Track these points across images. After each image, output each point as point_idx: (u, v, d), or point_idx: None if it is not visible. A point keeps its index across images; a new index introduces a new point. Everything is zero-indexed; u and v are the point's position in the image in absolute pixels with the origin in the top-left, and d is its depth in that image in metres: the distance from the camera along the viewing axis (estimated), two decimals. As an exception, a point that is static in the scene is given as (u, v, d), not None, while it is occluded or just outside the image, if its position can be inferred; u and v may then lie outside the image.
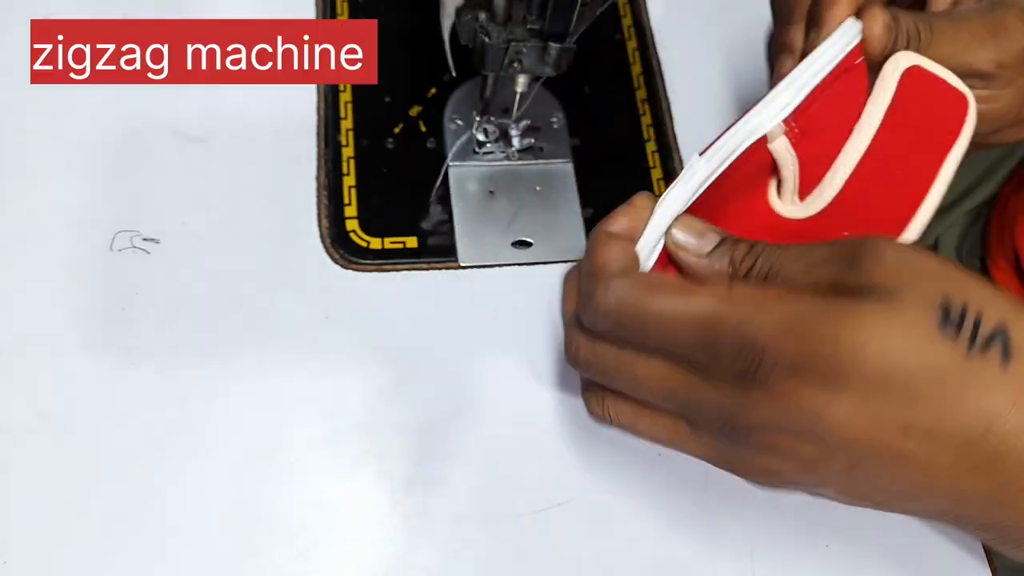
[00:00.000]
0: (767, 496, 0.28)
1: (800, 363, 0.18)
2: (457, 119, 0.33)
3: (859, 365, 0.17)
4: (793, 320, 0.18)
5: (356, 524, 0.26)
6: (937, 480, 0.18)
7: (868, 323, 0.17)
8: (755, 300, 0.19)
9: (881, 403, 0.17)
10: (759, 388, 0.18)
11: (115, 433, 0.26)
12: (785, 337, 0.18)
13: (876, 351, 0.17)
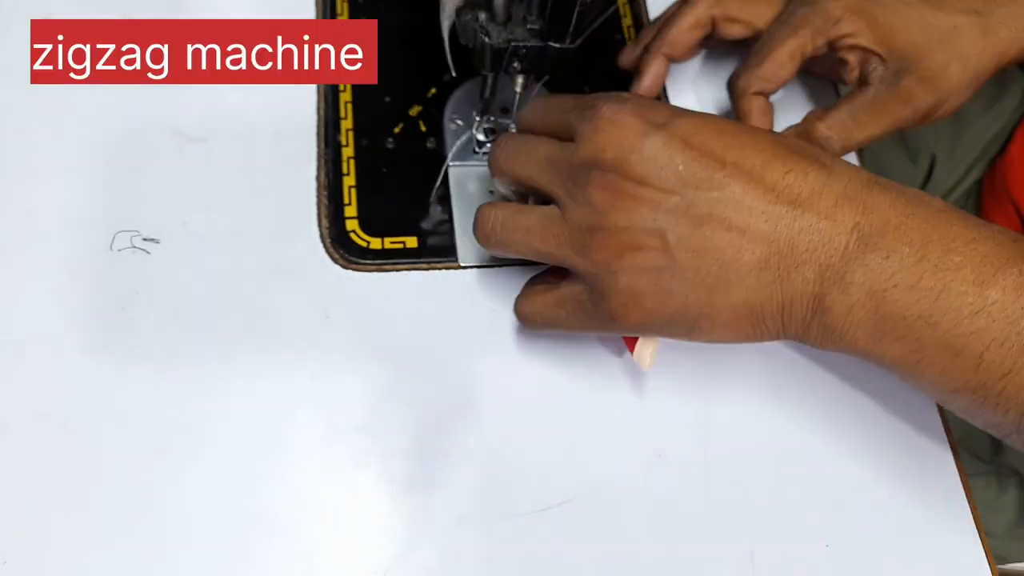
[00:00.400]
0: (767, 496, 0.28)
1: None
2: (457, 119, 0.33)
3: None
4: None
5: (356, 524, 0.26)
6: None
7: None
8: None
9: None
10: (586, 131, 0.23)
11: (115, 433, 0.26)
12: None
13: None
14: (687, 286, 0.23)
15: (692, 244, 0.22)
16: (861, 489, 0.28)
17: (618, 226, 0.22)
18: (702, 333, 0.24)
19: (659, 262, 0.22)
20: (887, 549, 0.27)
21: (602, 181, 0.23)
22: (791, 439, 0.29)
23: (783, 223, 0.22)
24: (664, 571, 0.26)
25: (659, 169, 0.22)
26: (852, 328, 0.22)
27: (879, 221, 0.22)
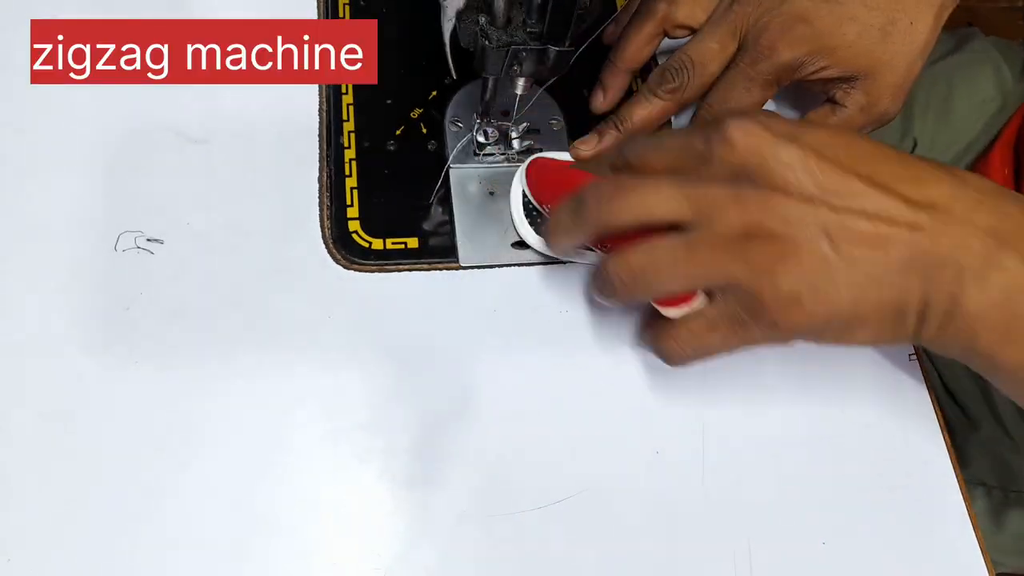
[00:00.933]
0: (765, 494, 0.28)
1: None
2: (457, 121, 0.33)
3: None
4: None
5: (357, 523, 0.27)
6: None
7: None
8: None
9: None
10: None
11: (117, 432, 0.26)
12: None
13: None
14: (841, 287, 0.23)
15: (844, 246, 0.23)
16: (858, 488, 0.28)
17: (774, 231, 0.23)
18: (853, 334, 0.24)
19: (815, 264, 0.23)
20: (884, 547, 0.28)
21: (750, 189, 0.23)
22: (789, 438, 0.29)
23: (923, 227, 0.23)
24: (663, 569, 0.27)
25: (798, 177, 0.23)
26: (985, 329, 0.23)
27: (1013, 225, 0.23)
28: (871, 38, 0.29)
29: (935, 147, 0.45)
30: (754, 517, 0.28)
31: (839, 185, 0.23)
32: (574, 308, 0.31)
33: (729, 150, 0.24)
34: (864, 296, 0.23)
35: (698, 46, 0.31)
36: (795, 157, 0.23)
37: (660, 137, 0.27)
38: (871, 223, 0.23)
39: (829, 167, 0.23)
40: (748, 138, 0.24)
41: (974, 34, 0.48)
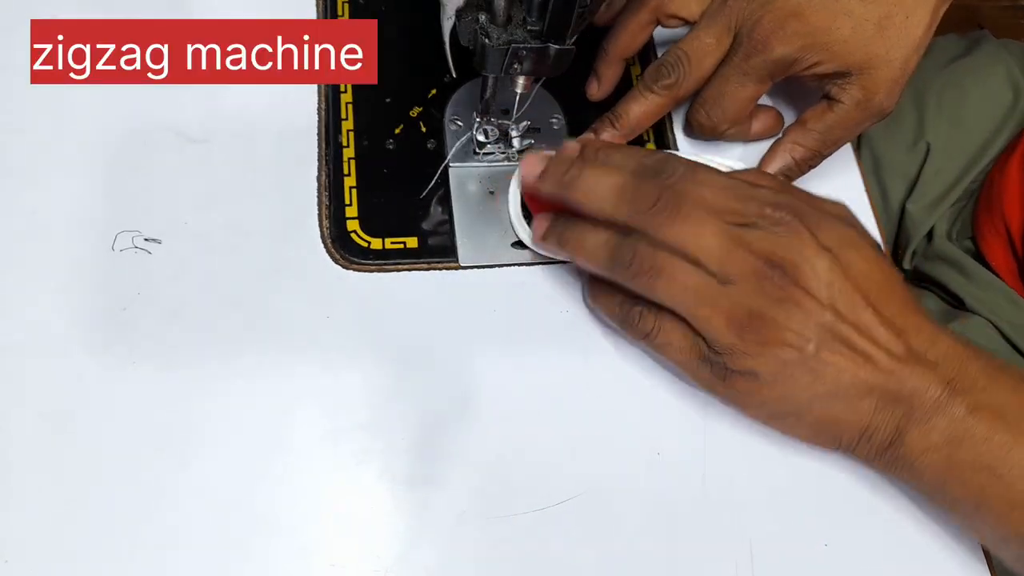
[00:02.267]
0: (766, 495, 0.28)
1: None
2: (457, 120, 0.33)
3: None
4: None
5: (357, 522, 0.26)
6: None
7: None
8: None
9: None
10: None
11: (116, 432, 0.26)
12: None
13: None
14: (798, 387, 0.25)
15: (822, 357, 0.25)
16: (860, 489, 0.28)
17: (776, 320, 0.25)
18: (785, 426, 0.27)
19: (791, 359, 0.25)
20: (886, 549, 0.28)
21: (778, 280, 0.25)
22: (790, 439, 0.29)
23: (902, 370, 0.25)
24: (663, 570, 0.27)
25: (821, 286, 0.25)
26: (923, 466, 0.25)
27: (970, 379, 0.25)
28: (866, 33, 0.29)
29: (949, 150, 0.45)
30: (755, 519, 0.27)
31: (848, 306, 0.25)
32: (574, 308, 0.30)
33: (776, 239, 0.25)
34: (812, 404, 0.26)
35: (693, 41, 0.31)
36: (826, 269, 0.25)
37: (707, 184, 0.26)
38: (854, 349, 0.25)
39: (848, 288, 0.25)
40: (795, 239, 0.25)
41: (984, 36, 0.48)
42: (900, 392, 0.25)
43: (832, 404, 0.25)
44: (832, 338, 0.25)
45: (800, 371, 0.25)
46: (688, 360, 0.27)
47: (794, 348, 0.25)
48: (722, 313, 0.25)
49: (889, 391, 0.25)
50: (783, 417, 0.27)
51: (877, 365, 0.25)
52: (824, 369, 0.25)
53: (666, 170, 0.27)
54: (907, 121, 0.46)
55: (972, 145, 0.45)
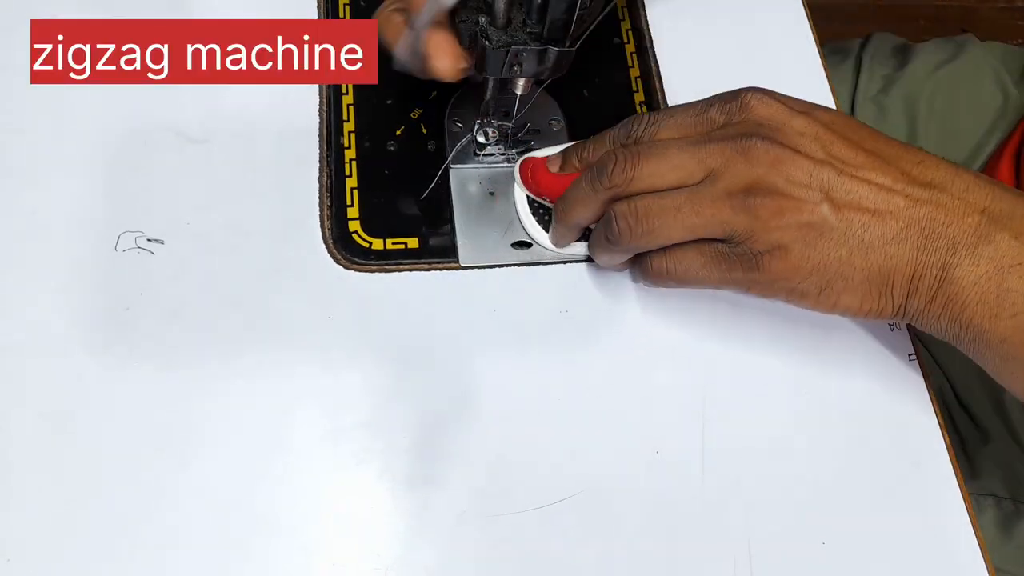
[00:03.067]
0: (764, 494, 0.28)
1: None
2: (458, 122, 0.33)
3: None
4: None
5: (358, 522, 0.27)
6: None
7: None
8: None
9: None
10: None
11: (117, 432, 0.26)
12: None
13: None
14: (831, 245, 0.24)
15: (842, 210, 0.24)
16: (858, 488, 0.29)
17: (776, 185, 0.24)
18: (832, 294, 0.25)
19: (811, 219, 0.24)
20: (884, 548, 0.28)
21: (761, 146, 0.24)
22: (789, 439, 0.29)
23: (921, 200, 0.24)
24: (662, 569, 0.27)
25: (809, 143, 0.24)
26: (974, 301, 0.24)
27: (1007, 207, 0.24)
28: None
29: (941, 154, 0.45)
30: (754, 518, 0.28)
31: (846, 155, 0.24)
32: (574, 308, 0.31)
33: (744, 111, 0.25)
34: (852, 258, 0.24)
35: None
36: (807, 126, 0.25)
37: (672, 114, 0.27)
38: (872, 190, 0.24)
39: (838, 139, 0.25)
40: (764, 105, 0.25)
41: (969, 40, 0.49)
42: (933, 227, 0.24)
43: (870, 256, 0.24)
44: (843, 189, 0.24)
45: (824, 229, 0.24)
46: (715, 271, 0.26)
47: (808, 206, 0.24)
48: (724, 204, 0.24)
49: (921, 227, 0.24)
50: (831, 285, 0.25)
51: (899, 205, 0.24)
52: (849, 221, 0.24)
53: (632, 132, 0.27)
54: (899, 129, 0.46)
55: (965, 148, 0.45)
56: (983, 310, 0.24)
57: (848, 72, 0.49)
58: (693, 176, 0.25)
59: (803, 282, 0.25)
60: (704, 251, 0.26)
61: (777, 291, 0.26)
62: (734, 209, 0.24)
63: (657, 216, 0.25)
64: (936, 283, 0.24)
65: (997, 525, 0.43)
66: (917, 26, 1.03)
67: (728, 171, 0.25)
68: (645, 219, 0.25)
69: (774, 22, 0.38)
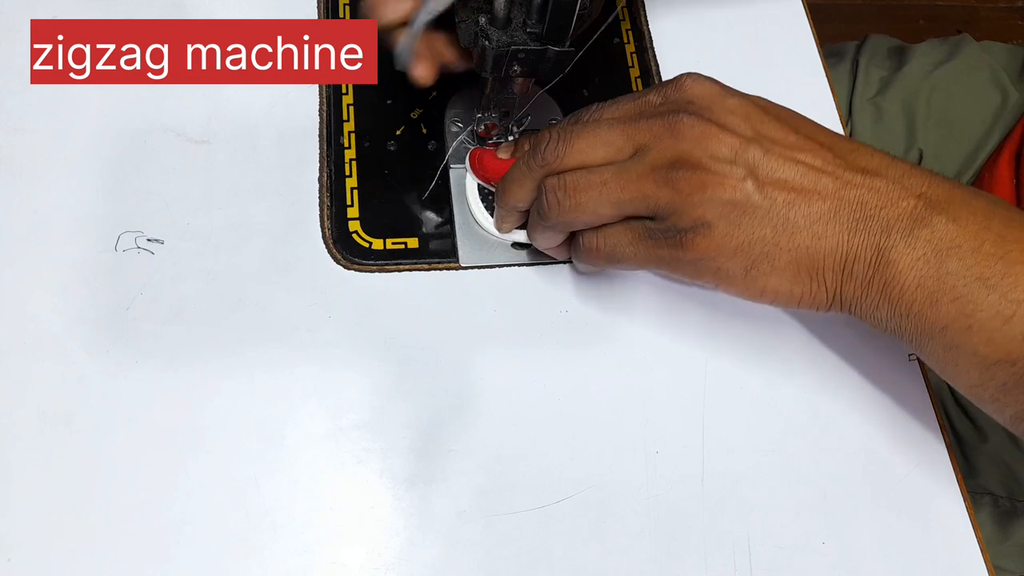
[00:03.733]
0: (764, 494, 0.28)
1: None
2: (458, 122, 0.33)
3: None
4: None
5: (358, 520, 0.27)
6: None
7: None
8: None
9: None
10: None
11: (118, 431, 0.27)
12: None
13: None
14: (756, 222, 0.24)
15: (767, 186, 0.24)
16: (858, 488, 0.29)
17: (701, 161, 0.24)
18: (759, 276, 0.25)
19: (735, 196, 0.24)
20: (884, 547, 0.28)
21: (688, 121, 0.24)
22: (789, 438, 0.29)
23: (853, 183, 0.23)
24: (662, 568, 0.27)
25: (739, 122, 0.24)
26: (913, 286, 0.23)
27: (945, 192, 0.23)
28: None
29: (941, 155, 0.45)
30: (754, 518, 0.28)
31: (777, 135, 0.24)
32: (574, 308, 0.31)
33: (679, 91, 0.25)
34: (777, 238, 0.24)
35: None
36: (739, 105, 0.24)
37: (616, 99, 0.27)
38: (800, 169, 0.23)
39: (771, 120, 0.24)
40: (699, 84, 0.25)
41: (966, 40, 0.49)
42: (865, 209, 0.23)
43: (796, 236, 0.24)
44: (769, 166, 0.24)
45: (748, 206, 0.23)
46: (642, 248, 0.25)
47: (731, 182, 0.23)
48: (648, 178, 0.24)
49: (852, 209, 0.23)
50: (756, 266, 0.24)
51: (830, 187, 0.23)
52: (773, 199, 0.23)
53: (578, 118, 0.27)
54: (897, 129, 0.46)
55: (964, 149, 0.45)
56: (922, 295, 0.23)
57: (845, 75, 0.49)
58: (622, 152, 0.25)
59: (727, 261, 0.24)
60: (632, 228, 0.26)
61: (703, 272, 0.25)
62: (657, 184, 0.24)
63: (584, 191, 0.25)
64: (871, 267, 0.23)
65: (994, 523, 0.43)
66: (916, 26, 1.03)
67: (655, 146, 0.24)
68: (573, 193, 0.25)
69: (774, 22, 0.38)
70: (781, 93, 0.36)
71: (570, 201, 0.25)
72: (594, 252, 0.27)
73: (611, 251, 0.26)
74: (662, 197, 0.24)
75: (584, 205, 0.25)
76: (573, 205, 0.25)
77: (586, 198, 0.25)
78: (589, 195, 0.25)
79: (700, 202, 0.24)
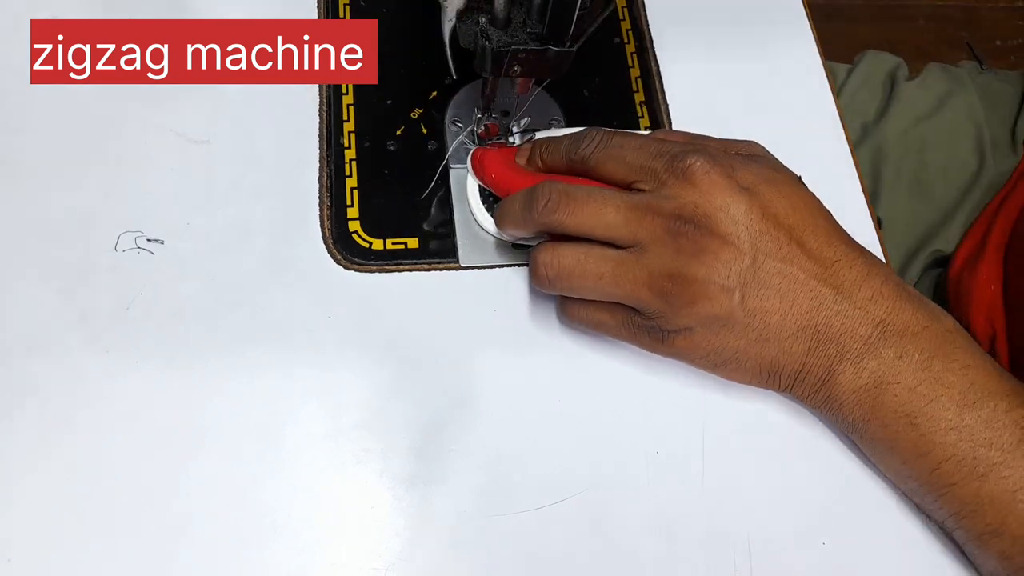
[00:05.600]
0: (765, 494, 0.28)
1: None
2: (458, 121, 0.33)
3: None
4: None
5: (358, 521, 0.27)
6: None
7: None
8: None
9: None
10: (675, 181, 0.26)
11: (118, 431, 0.27)
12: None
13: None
14: (733, 335, 0.26)
15: (750, 305, 0.26)
16: (859, 487, 0.29)
17: (697, 277, 0.25)
18: (725, 371, 0.28)
19: (719, 312, 0.26)
20: (884, 548, 0.28)
21: (691, 234, 0.25)
22: (789, 437, 0.29)
23: (825, 304, 0.26)
24: (662, 568, 0.27)
25: (739, 231, 0.25)
26: (851, 405, 0.26)
27: (901, 323, 0.26)
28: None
29: (908, 221, 0.44)
30: (754, 517, 0.28)
31: (771, 243, 0.26)
32: (574, 308, 0.31)
33: (687, 188, 0.26)
34: (748, 348, 0.26)
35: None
36: (743, 213, 0.25)
37: (623, 148, 0.27)
38: (783, 287, 0.25)
39: (769, 227, 0.26)
40: (709, 185, 0.26)
41: (961, 86, 0.45)
42: (829, 332, 0.26)
43: (766, 348, 0.26)
44: (757, 283, 0.25)
45: (730, 321, 0.26)
46: (625, 333, 0.28)
47: (720, 300, 0.25)
48: (643, 284, 0.26)
49: (818, 331, 0.26)
50: (725, 364, 0.27)
51: (804, 306, 0.26)
52: (753, 315, 0.26)
53: (581, 151, 0.28)
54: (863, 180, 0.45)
55: (932, 215, 0.43)
56: (858, 413, 0.26)
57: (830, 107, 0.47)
58: (622, 240, 0.26)
59: (701, 359, 0.27)
60: (617, 316, 0.28)
61: (678, 359, 0.28)
62: (652, 292, 0.26)
63: (579, 278, 0.27)
64: (820, 382, 0.27)
65: None
66: (916, 26, 1.03)
67: (654, 251, 0.26)
68: (567, 278, 0.27)
69: (774, 22, 0.38)
70: (782, 93, 0.36)
71: (562, 284, 0.27)
72: (578, 321, 0.29)
73: (596, 328, 0.29)
74: (653, 304, 0.26)
75: (577, 289, 0.27)
76: (566, 287, 0.27)
77: (579, 284, 0.27)
78: (584, 283, 0.27)
79: (688, 314, 0.26)
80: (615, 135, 0.28)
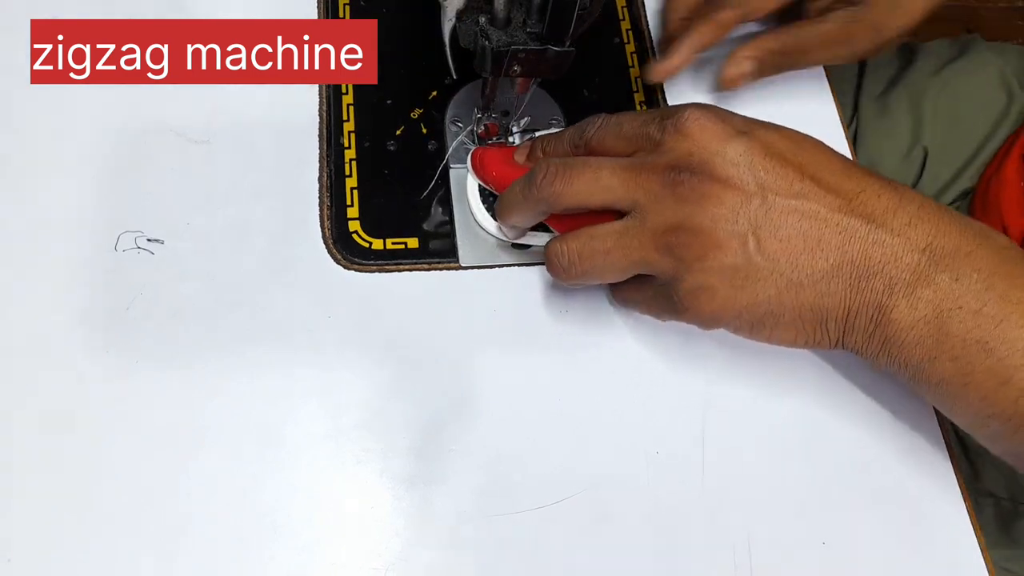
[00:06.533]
0: (765, 494, 0.28)
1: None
2: (458, 121, 0.33)
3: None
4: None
5: (358, 521, 0.27)
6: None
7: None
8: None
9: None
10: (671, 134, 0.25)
11: (118, 431, 0.27)
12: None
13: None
14: (759, 285, 0.24)
15: (769, 247, 0.23)
16: (859, 488, 0.29)
17: (702, 226, 0.23)
18: (765, 329, 0.25)
19: (736, 261, 0.23)
20: (884, 548, 0.28)
21: (688, 182, 0.23)
22: (789, 439, 0.29)
23: (857, 236, 0.23)
24: (662, 569, 0.27)
25: (741, 172, 0.23)
26: (912, 343, 0.23)
27: (951, 245, 0.23)
28: None
29: (944, 153, 0.45)
30: (754, 517, 0.28)
31: (780, 183, 0.23)
32: (574, 308, 0.31)
33: (680, 140, 0.24)
34: (782, 297, 0.24)
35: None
36: (742, 153, 0.23)
37: (620, 122, 0.26)
38: (803, 223, 0.23)
39: (774, 164, 0.23)
40: (702, 132, 0.24)
41: (974, 40, 0.49)
42: (869, 265, 0.23)
43: (800, 293, 0.23)
44: (771, 225, 0.23)
45: (750, 270, 0.23)
46: (656, 307, 0.26)
47: (733, 246, 0.23)
48: (649, 245, 0.24)
49: (856, 266, 0.23)
50: (762, 323, 0.25)
51: (833, 241, 0.23)
52: (776, 259, 0.23)
53: (584, 134, 0.27)
54: (903, 126, 0.46)
55: (968, 147, 0.45)
56: (921, 352, 0.23)
57: (852, 71, 0.49)
58: (620, 202, 0.25)
59: (733, 321, 0.25)
60: (645, 291, 0.27)
61: (709, 327, 0.26)
62: (659, 251, 0.24)
63: (588, 258, 0.26)
64: (873, 323, 0.24)
65: (996, 525, 0.43)
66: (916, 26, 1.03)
67: (654, 209, 0.24)
68: (579, 262, 0.26)
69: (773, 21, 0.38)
70: (781, 92, 0.36)
71: (576, 269, 0.26)
72: (621, 304, 0.29)
73: (632, 303, 0.28)
74: (665, 264, 0.24)
75: (590, 272, 0.26)
76: (580, 272, 0.26)
77: (591, 265, 0.26)
78: (594, 263, 0.26)
79: (701, 269, 0.24)
80: (617, 114, 0.27)
